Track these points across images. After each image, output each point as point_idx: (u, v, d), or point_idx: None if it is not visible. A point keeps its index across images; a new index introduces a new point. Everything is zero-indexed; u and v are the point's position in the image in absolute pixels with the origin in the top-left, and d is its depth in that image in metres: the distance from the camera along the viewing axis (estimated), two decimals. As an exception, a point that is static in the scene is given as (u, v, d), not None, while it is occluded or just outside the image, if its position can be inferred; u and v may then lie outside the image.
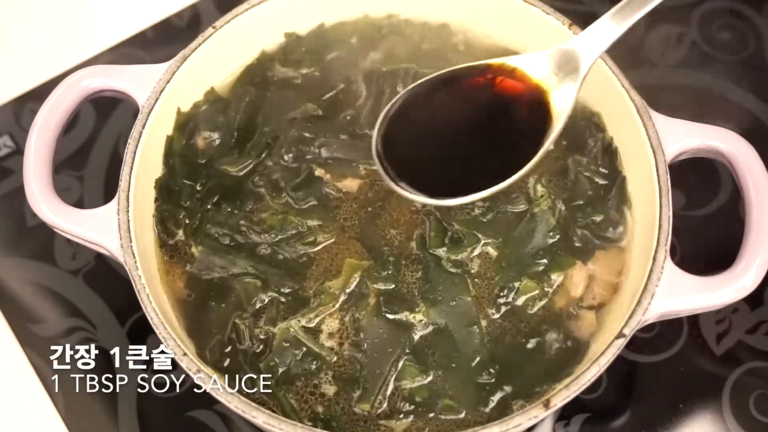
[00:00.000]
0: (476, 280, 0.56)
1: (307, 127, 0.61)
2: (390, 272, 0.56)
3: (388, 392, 0.52)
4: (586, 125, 0.62)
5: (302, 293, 0.55)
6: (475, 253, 0.57)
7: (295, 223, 0.58)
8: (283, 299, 0.55)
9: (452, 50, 0.65)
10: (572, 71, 0.52)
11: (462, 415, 0.52)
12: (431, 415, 0.52)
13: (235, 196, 0.59)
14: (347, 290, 0.55)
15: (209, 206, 0.59)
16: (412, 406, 0.52)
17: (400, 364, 0.53)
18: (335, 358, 0.54)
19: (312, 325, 0.54)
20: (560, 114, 0.51)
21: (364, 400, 0.52)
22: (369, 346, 0.53)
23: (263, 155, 0.60)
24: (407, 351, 0.53)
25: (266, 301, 0.55)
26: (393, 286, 0.55)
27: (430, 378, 0.53)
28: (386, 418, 0.52)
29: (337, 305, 0.55)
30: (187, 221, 0.58)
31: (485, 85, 0.54)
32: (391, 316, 0.54)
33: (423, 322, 0.54)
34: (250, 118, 0.62)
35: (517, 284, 0.55)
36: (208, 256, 0.57)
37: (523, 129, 0.53)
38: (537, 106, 0.52)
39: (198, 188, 0.60)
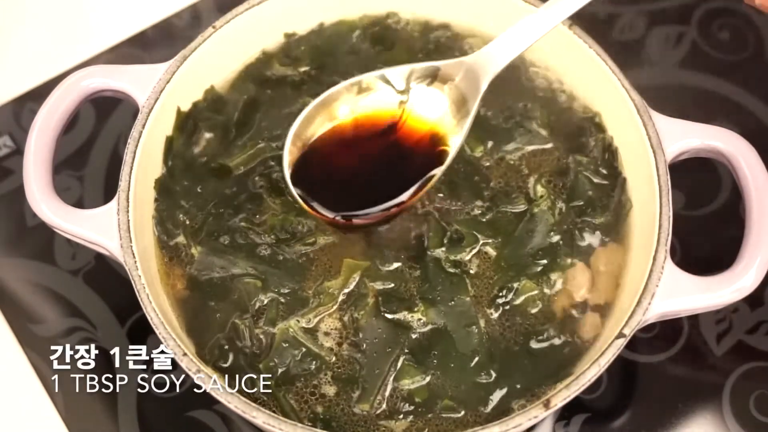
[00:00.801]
0: (475, 280, 0.56)
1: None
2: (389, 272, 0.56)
3: (387, 392, 0.52)
4: (586, 125, 0.61)
5: (302, 293, 0.55)
6: (474, 252, 0.57)
7: (295, 223, 0.58)
8: (282, 299, 0.55)
9: (452, 50, 0.65)
10: (474, 91, 0.54)
11: (461, 415, 0.52)
12: (431, 415, 0.52)
13: (234, 196, 0.59)
14: (346, 290, 0.55)
15: (209, 207, 0.59)
16: (412, 407, 0.52)
17: (399, 363, 0.53)
18: (334, 359, 0.54)
19: (311, 325, 0.54)
20: (460, 129, 0.54)
21: (364, 400, 0.52)
22: (368, 346, 0.53)
23: (262, 153, 0.60)
24: (406, 351, 0.53)
25: (266, 301, 0.55)
26: (392, 285, 0.55)
27: (429, 378, 0.53)
28: (386, 419, 0.52)
29: (336, 305, 0.55)
30: (187, 222, 0.58)
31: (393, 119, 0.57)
32: (389, 316, 0.54)
33: (422, 321, 0.54)
34: (250, 116, 0.62)
35: (516, 284, 0.55)
36: (208, 257, 0.57)
37: (425, 154, 0.55)
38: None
39: (198, 189, 0.60)
